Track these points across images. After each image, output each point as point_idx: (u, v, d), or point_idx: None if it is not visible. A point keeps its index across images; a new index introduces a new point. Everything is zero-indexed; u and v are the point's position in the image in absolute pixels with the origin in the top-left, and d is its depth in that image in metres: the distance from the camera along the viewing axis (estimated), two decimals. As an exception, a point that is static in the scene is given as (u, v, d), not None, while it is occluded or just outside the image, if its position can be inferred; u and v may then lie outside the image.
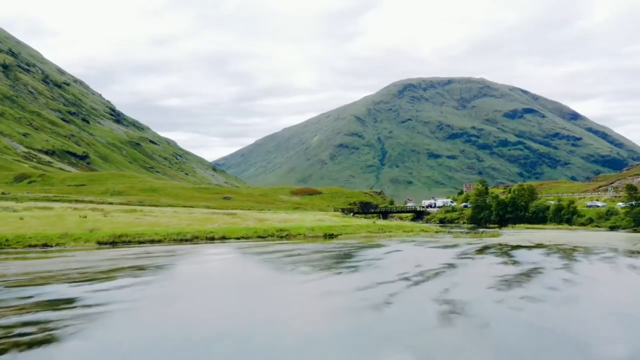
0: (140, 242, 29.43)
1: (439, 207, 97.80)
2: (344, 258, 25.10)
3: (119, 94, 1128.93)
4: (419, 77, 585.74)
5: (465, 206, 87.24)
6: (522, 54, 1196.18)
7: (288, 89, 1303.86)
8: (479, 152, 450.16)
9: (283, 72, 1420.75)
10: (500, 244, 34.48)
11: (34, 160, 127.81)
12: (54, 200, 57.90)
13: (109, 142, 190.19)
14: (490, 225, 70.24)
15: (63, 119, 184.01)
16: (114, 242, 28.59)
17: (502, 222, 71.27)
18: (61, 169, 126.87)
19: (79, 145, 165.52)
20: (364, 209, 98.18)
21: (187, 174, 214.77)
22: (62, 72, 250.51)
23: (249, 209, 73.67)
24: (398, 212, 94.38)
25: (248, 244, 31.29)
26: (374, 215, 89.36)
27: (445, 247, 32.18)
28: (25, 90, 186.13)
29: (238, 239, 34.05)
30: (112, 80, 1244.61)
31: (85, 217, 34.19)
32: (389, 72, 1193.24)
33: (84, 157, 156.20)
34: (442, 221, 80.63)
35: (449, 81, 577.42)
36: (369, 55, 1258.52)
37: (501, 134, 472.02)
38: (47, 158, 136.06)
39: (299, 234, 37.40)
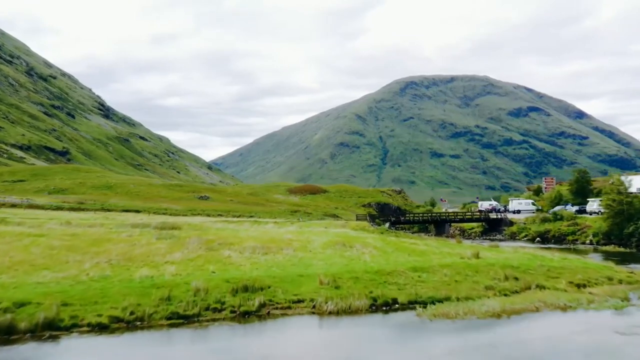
0: None
1: (512, 211, 71.84)
2: None
3: (119, 93, 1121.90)
4: (421, 74, 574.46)
5: (578, 211, 60.09)
6: (526, 52, 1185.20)
7: (289, 88, 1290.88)
8: (483, 151, 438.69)
9: (284, 71, 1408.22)
10: None
11: (4, 155, 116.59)
12: None
13: (94, 138, 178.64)
14: None
15: (45, 113, 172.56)
16: None
17: None
18: (33, 164, 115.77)
19: (60, 141, 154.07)
20: (383, 212, 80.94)
21: (179, 172, 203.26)
22: (49, 65, 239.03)
23: (219, 215, 56.07)
24: (459, 221, 66.55)
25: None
26: (415, 225, 67.73)
27: None
28: (5, 82, 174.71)
29: (100, 328, 12.54)
30: (113, 79, 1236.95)
31: None
32: (391, 71, 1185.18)
33: (63, 153, 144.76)
34: (543, 238, 52.73)
35: (452, 79, 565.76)
36: (371, 54, 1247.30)
37: (506, 132, 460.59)
38: (20, 153, 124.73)
39: (300, 300, 15.15)
